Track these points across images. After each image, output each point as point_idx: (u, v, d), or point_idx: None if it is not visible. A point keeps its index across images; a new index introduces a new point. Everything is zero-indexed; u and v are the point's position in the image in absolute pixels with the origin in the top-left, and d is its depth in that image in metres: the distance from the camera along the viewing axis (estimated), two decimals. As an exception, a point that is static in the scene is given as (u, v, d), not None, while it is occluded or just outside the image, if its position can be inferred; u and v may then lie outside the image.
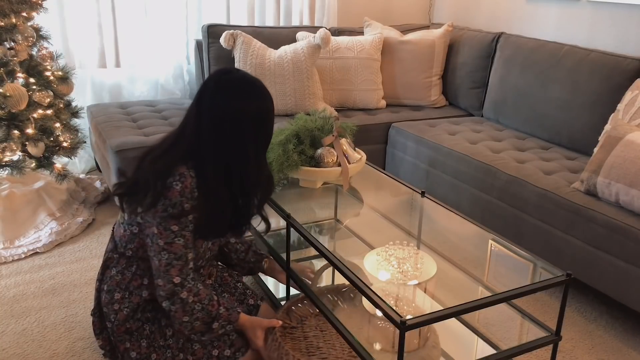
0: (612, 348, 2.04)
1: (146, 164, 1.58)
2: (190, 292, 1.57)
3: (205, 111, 1.55)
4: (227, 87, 1.55)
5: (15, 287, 2.27)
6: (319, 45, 3.17)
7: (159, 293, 1.57)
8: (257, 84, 1.59)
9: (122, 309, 1.67)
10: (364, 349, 1.53)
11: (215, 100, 1.54)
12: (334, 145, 2.13)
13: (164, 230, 1.53)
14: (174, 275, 1.55)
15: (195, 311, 1.57)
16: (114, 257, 1.71)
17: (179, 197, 1.51)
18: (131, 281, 1.67)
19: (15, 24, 2.57)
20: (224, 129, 1.54)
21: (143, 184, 1.55)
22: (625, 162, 2.08)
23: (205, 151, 1.55)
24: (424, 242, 2.11)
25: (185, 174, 1.52)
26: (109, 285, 1.69)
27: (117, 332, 1.67)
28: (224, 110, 1.54)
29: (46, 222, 2.66)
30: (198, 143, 1.56)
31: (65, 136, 2.83)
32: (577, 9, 3.13)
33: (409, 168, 3.08)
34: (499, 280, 1.85)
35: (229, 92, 1.55)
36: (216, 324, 1.61)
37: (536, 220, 2.34)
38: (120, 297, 1.67)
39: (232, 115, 1.54)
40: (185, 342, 1.66)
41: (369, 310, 1.75)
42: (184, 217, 1.53)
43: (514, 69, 3.12)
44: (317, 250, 1.74)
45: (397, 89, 3.52)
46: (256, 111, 1.57)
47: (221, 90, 1.55)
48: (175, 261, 1.55)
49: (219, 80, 1.57)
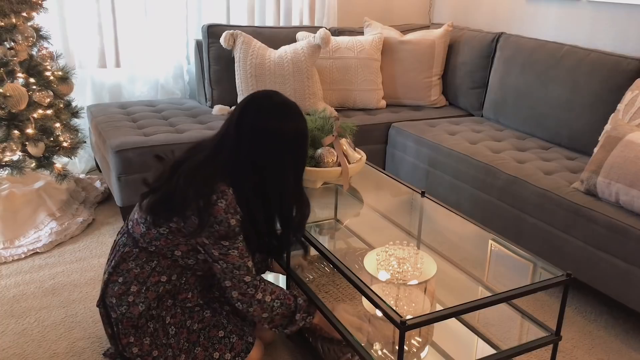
0: (612, 348, 2.04)
1: (181, 179, 1.58)
2: (265, 292, 1.64)
3: (247, 131, 1.60)
4: (269, 109, 1.63)
5: (15, 287, 2.27)
6: (319, 45, 3.17)
7: (231, 295, 1.63)
8: (294, 106, 1.66)
9: (137, 303, 1.66)
10: (364, 349, 1.53)
11: (256, 120, 1.60)
12: (334, 145, 2.13)
13: (215, 244, 1.58)
14: (243, 277, 1.61)
15: (275, 307, 1.65)
16: (133, 252, 1.69)
17: (223, 215, 1.54)
18: (150, 276, 1.67)
19: (15, 24, 2.57)
20: (264, 148, 1.60)
21: (180, 199, 1.57)
22: (625, 162, 2.08)
23: (244, 170, 1.60)
24: (424, 242, 2.11)
25: (227, 192, 1.55)
26: (125, 277, 1.68)
27: (124, 325, 1.67)
28: (265, 130, 1.59)
29: (46, 222, 2.66)
30: (235, 162, 1.60)
31: (65, 136, 2.83)
32: (577, 9, 3.13)
33: (409, 168, 3.08)
34: (499, 280, 1.85)
35: (271, 114, 1.62)
36: (298, 315, 1.68)
37: (536, 220, 2.34)
38: (136, 290, 1.67)
39: (272, 135, 1.60)
40: (187, 344, 1.66)
41: (369, 310, 1.75)
42: (233, 233, 1.57)
43: (514, 69, 3.12)
44: (317, 250, 1.74)
45: (397, 89, 3.52)
46: (294, 132, 1.63)
47: (263, 111, 1.62)
48: (236, 270, 1.60)
49: (261, 104, 1.63)
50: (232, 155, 1.61)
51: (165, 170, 1.65)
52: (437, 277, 1.72)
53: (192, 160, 1.63)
